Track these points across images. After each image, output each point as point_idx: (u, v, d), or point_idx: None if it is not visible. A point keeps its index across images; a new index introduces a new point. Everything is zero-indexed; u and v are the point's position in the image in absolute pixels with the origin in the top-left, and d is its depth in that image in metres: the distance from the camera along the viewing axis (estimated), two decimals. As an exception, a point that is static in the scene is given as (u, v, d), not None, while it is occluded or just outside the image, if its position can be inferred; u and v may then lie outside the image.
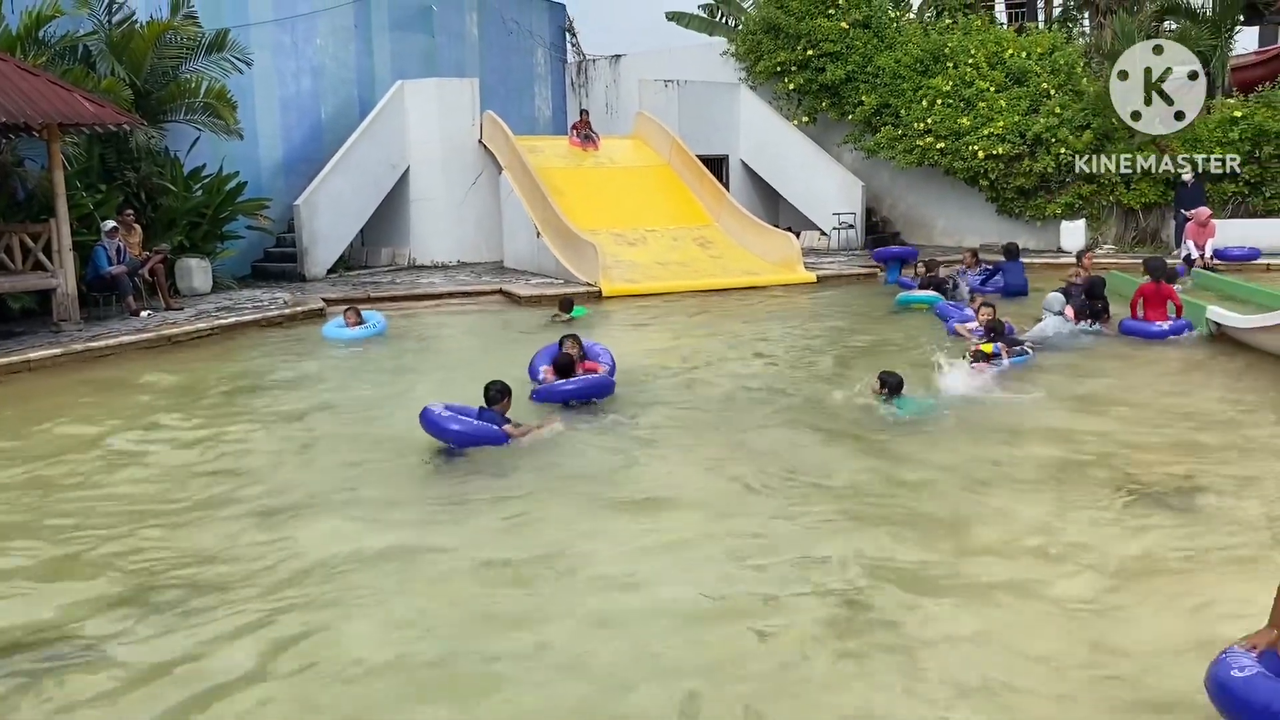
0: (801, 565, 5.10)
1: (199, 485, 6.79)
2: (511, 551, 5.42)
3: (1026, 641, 4.24)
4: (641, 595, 4.84)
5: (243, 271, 18.53)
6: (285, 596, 4.91)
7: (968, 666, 4.05)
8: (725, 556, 5.27)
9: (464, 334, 13.80)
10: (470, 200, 20.35)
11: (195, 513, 6.23)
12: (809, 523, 5.74)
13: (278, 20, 19.70)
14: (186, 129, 16.77)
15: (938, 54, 21.67)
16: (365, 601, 4.85)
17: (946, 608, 4.59)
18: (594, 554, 5.38)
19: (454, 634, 4.49)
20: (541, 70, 26.24)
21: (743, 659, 4.18)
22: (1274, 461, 6.61)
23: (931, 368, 9.29)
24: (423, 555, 5.44)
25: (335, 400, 9.45)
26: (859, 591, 4.76)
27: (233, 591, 4.98)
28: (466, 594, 4.93)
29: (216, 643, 4.44)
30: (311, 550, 5.52)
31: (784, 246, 18.15)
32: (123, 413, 8.92)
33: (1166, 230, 19.57)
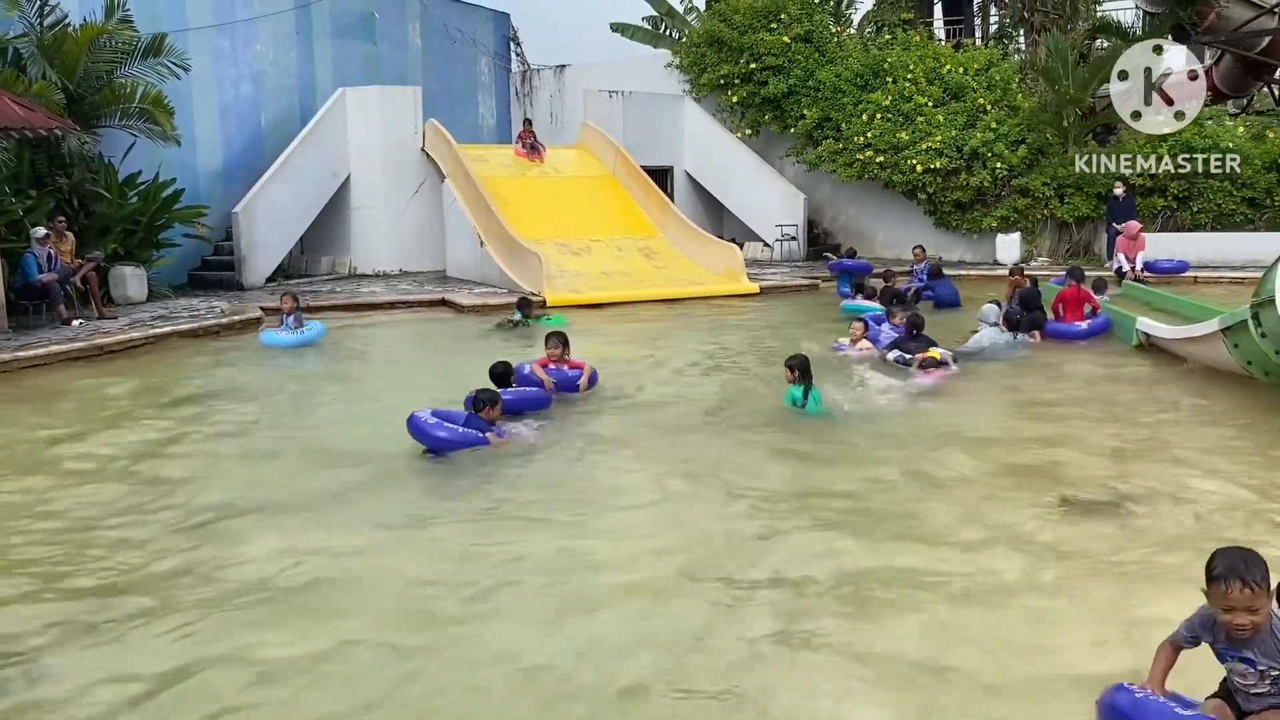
0: (746, 568, 5.14)
1: (130, 496, 6.65)
2: (452, 559, 5.39)
3: (957, 646, 4.31)
4: (587, 601, 4.84)
5: (179, 280, 18.21)
6: (220, 608, 4.82)
7: (903, 668, 4.10)
8: (672, 564, 5.29)
9: (405, 343, 13.71)
10: (412, 209, 20.22)
11: (126, 524, 6.09)
12: (748, 527, 5.78)
13: (217, 25, 19.43)
14: (121, 134, 16.46)
15: (877, 69, 22.02)
16: (307, 611, 4.79)
17: (880, 611, 4.65)
18: (535, 562, 5.37)
19: (391, 641, 4.45)
20: (485, 79, 26.18)
21: (689, 659, 4.19)
22: (1198, 469, 6.79)
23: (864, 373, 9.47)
24: (363, 563, 5.38)
25: (271, 409, 9.32)
26: (797, 596, 4.81)
27: (165, 604, 4.88)
28: (404, 603, 4.89)
29: (150, 657, 4.35)
30: (248, 561, 5.43)
31: (728, 257, 18.28)
32: (52, 424, 8.71)
33: (1099, 243, 20.06)
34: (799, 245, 22.36)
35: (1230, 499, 6.10)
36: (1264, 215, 19.11)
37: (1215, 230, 19.27)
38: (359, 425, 8.67)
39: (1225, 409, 8.54)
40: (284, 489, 6.78)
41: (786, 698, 3.92)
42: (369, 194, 20.00)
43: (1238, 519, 5.76)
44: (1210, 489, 6.28)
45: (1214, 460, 7.00)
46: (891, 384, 9.50)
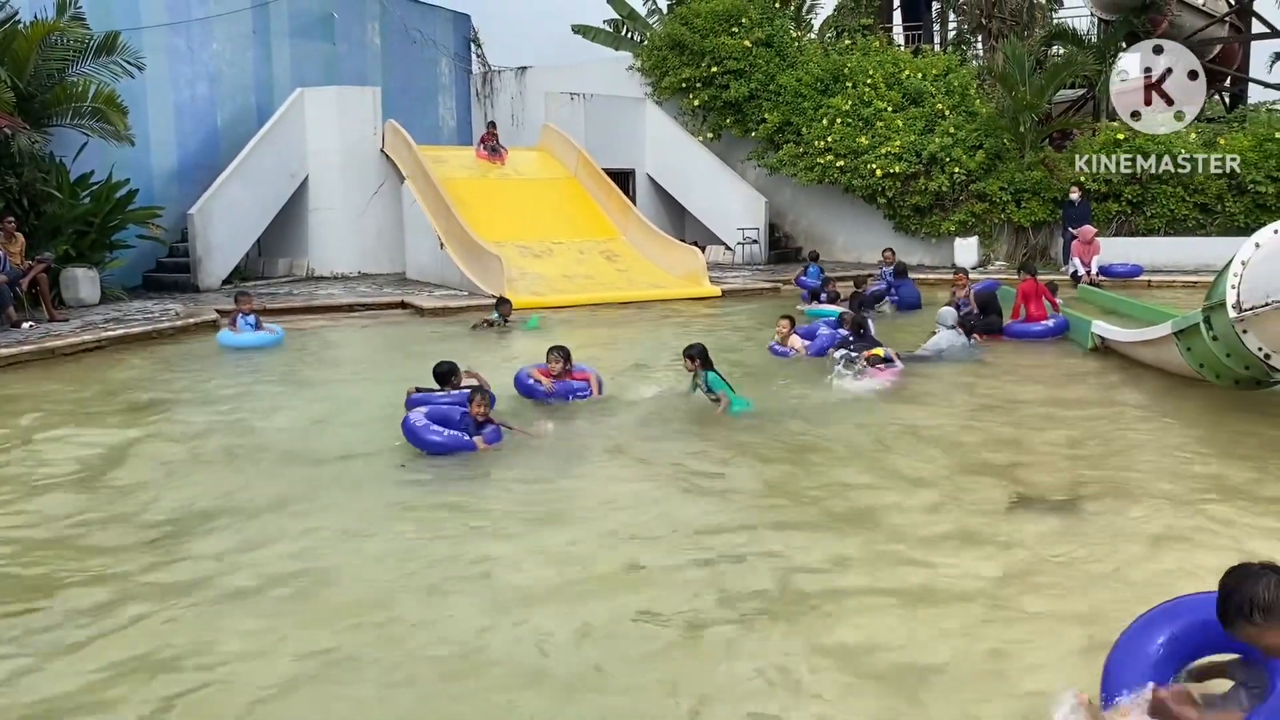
0: (700, 567, 5.13)
1: (83, 501, 6.52)
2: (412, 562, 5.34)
3: (912, 644, 4.33)
4: (544, 600, 4.80)
5: (133, 282, 17.92)
6: (171, 617, 4.73)
7: (856, 668, 4.11)
8: (626, 565, 5.27)
9: (365, 345, 13.56)
10: (371, 210, 20.05)
11: (78, 529, 5.97)
12: (706, 525, 5.77)
13: (171, 24, 19.15)
14: (74, 134, 16.18)
15: (837, 74, 22.17)
16: (261, 616, 4.71)
17: (834, 610, 4.66)
18: (501, 561, 5.33)
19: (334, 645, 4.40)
20: (446, 80, 26.04)
21: (646, 659, 4.18)
22: (1151, 469, 6.87)
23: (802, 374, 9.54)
24: (321, 569, 5.31)
25: (228, 412, 9.18)
26: (748, 597, 4.80)
27: (115, 612, 4.79)
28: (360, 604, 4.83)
29: (102, 664, 4.26)
30: (205, 565, 5.34)
31: (689, 260, 18.30)
32: (1, 428, 8.53)
33: (1055, 247, 20.32)
34: (760, 248, 22.45)
35: (1182, 497, 6.18)
36: (1215, 220, 19.46)
37: (1168, 235, 19.59)
38: (319, 427, 8.57)
39: (1178, 411, 8.66)
40: (242, 492, 6.67)
41: (743, 700, 3.91)
42: (327, 195, 19.81)
43: (1190, 516, 5.83)
44: (1163, 488, 6.36)
45: (1166, 460, 7.10)
46: (841, 385, 9.55)
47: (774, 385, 9.90)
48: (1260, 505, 6.05)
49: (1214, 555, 5.01)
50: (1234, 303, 7.76)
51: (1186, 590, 3.85)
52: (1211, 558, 4.92)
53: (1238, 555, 5.20)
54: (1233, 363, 8.22)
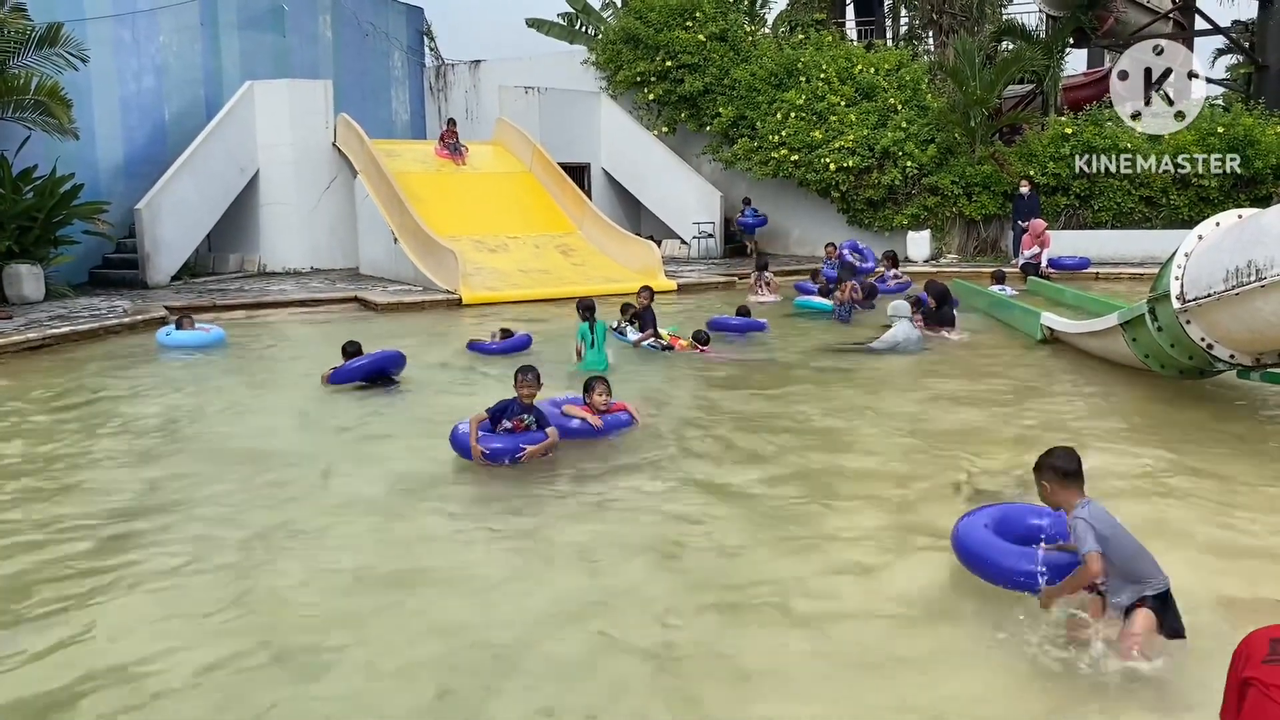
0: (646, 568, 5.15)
1: (27, 503, 6.39)
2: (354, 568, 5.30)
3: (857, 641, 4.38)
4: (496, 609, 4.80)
5: (79, 279, 17.58)
6: (113, 624, 4.66)
7: (817, 667, 4.15)
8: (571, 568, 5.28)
9: (316, 342, 13.37)
10: (324, 205, 19.85)
11: (23, 531, 5.86)
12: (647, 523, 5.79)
13: (116, 16, 18.79)
14: (16, 127, 15.83)
15: (791, 68, 22.27)
16: (212, 621, 4.65)
17: (785, 611, 4.70)
18: (463, 572, 5.31)
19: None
20: (399, 74, 25.82)
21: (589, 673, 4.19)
22: (1097, 455, 6.98)
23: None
24: (264, 573, 5.25)
25: (175, 411, 9.04)
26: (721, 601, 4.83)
27: (57, 617, 4.70)
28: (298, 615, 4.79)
29: (50, 668, 4.19)
30: (146, 572, 5.26)
31: (645, 255, 18.31)
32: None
33: (1005, 240, 20.59)
34: (716, 243, 22.51)
35: (1128, 484, 6.31)
36: (1160, 214, 19.82)
37: (1115, 228, 19.94)
38: (265, 425, 8.48)
39: (1124, 400, 8.83)
40: (190, 492, 6.58)
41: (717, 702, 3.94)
42: (279, 190, 19.57)
43: (1135, 500, 5.95)
44: (1110, 473, 6.48)
45: (1113, 446, 7.24)
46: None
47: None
48: (1205, 488, 6.19)
49: (1162, 541, 5.12)
50: (1178, 294, 7.91)
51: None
52: (1159, 543, 5.02)
53: (1185, 538, 5.35)
54: (1177, 353, 8.37)
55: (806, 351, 11.67)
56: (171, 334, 12.06)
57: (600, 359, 10.31)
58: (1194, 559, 5.08)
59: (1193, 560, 5.03)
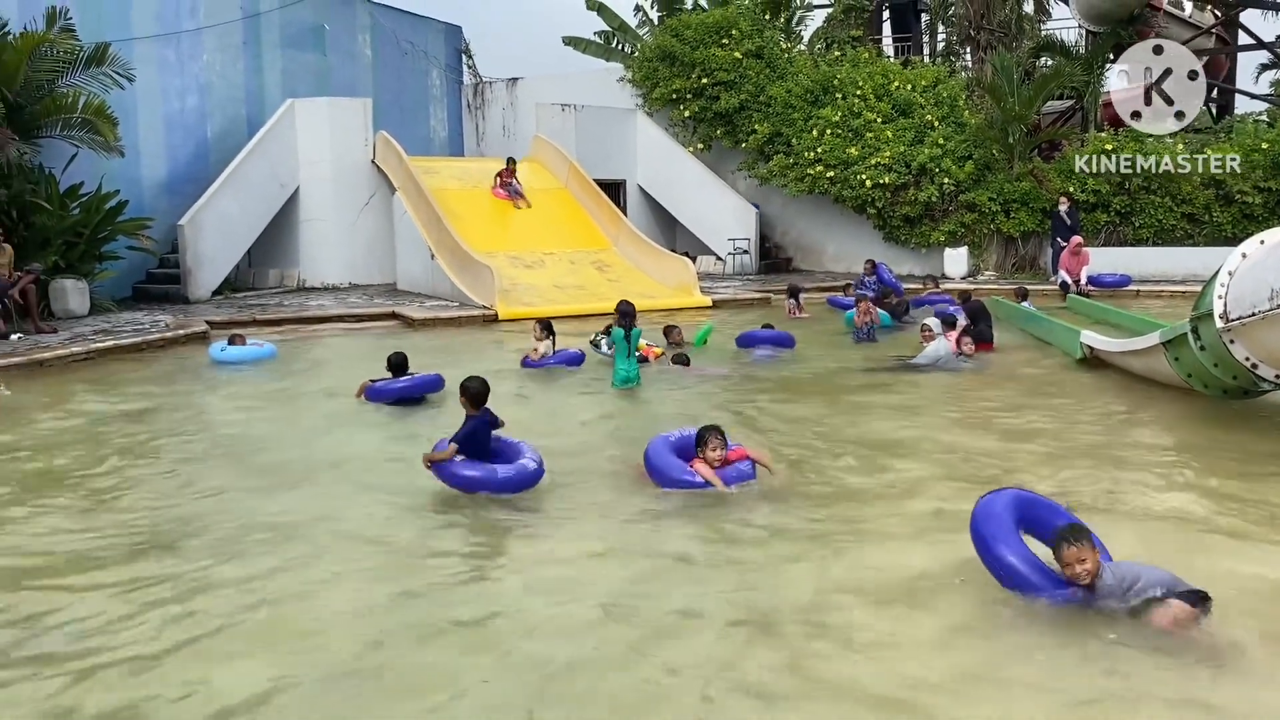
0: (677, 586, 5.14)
1: (68, 517, 6.49)
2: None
3: (901, 658, 4.34)
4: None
5: (123, 293, 17.89)
6: (165, 639, 4.71)
7: (851, 695, 4.12)
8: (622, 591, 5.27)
9: (356, 357, 13.48)
10: (362, 221, 20.06)
11: (63, 544, 5.95)
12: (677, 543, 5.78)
13: (162, 35, 19.15)
14: (63, 145, 16.16)
15: (827, 85, 22.26)
16: (265, 634, 4.70)
17: (825, 628, 4.67)
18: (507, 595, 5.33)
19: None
20: (437, 91, 26.08)
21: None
22: (1138, 478, 6.89)
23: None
24: (309, 595, 5.29)
25: (219, 426, 9.16)
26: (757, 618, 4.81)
27: (108, 635, 4.77)
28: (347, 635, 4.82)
29: (98, 680, 4.24)
30: (194, 582, 5.32)
31: (680, 271, 18.33)
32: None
33: (1044, 257, 20.41)
34: (751, 259, 22.50)
35: (1170, 507, 6.20)
36: (1203, 231, 19.57)
37: (1156, 245, 19.70)
38: (312, 442, 8.56)
39: (1166, 420, 8.69)
40: (233, 509, 6.64)
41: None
42: (318, 206, 19.80)
43: (1175, 525, 5.86)
44: (1150, 497, 6.38)
45: (1154, 469, 7.12)
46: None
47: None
48: (1246, 512, 6.08)
49: (1204, 561, 5.04)
50: (1221, 313, 7.79)
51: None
52: (1201, 570, 4.94)
53: (1228, 565, 5.25)
54: (1220, 372, 8.25)
55: (844, 368, 11.61)
56: (225, 350, 12.25)
57: (632, 368, 10.25)
58: (1238, 587, 4.97)
59: (1237, 590, 4.92)
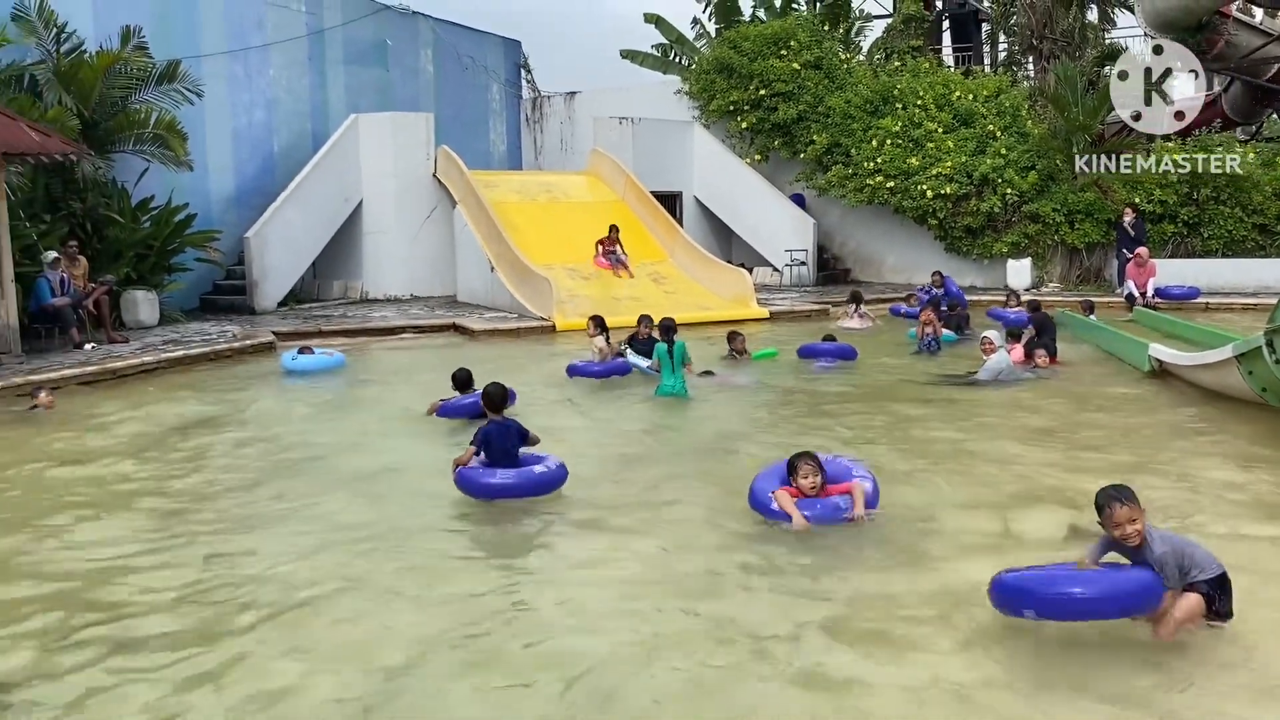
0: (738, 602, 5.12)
1: (144, 521, 6.64)
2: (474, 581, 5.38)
3: (980, 664, 4.28)
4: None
5: (191, 304, 18.30)
6: (241, 645, 4.80)
7: (932, 691, 4.07)
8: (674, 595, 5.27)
9: (420, 368, 13.63)
10: (424, 234, 20.31)
11: (141, 551, 6.09)
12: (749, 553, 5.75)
13: (230, 52, 19.60)
14: (135, 160, 16.59)
15: (887, 95, 22.12)
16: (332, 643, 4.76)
17: (901, 637, 4.62)
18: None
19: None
20: (496, 105, 26.36)
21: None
22: (1210, 497, 6.72)
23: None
24: (387, 599, 5.36)
25: (290, 434, 9.32)
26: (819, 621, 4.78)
27: (182, 637, 4.87)
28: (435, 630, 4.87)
29: (166, 683, 4.33)
30: (271, 592, 5.42)
31: (737, 282, 18.30)
32: (67, 449, 8.73)
33: (1109, 269, 20.04)
34: (809, 270, 22.39)
35: (1237, 527, 6.05)
36: (1275, 242, 19.09)
37: (1226, 256, 19.26)
38: (381, 451, 8.66)
39: (1237, 436, 8.48)
40: (306, 517, 6.74)
41: None
42: (381, 219, 20.10)
43: (1246, 544, 5.71)
44: (1223, 517, 6.23)
45: (1226, 487, 6.94)
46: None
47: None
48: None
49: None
50: (1298, 326, 7.60)
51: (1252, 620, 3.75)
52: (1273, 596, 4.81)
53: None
54: (1296, 387, 8.04)
55: (905, 381, 11.50)
56: (296, 359, 12.48)
57: (679, 383, 10.28)
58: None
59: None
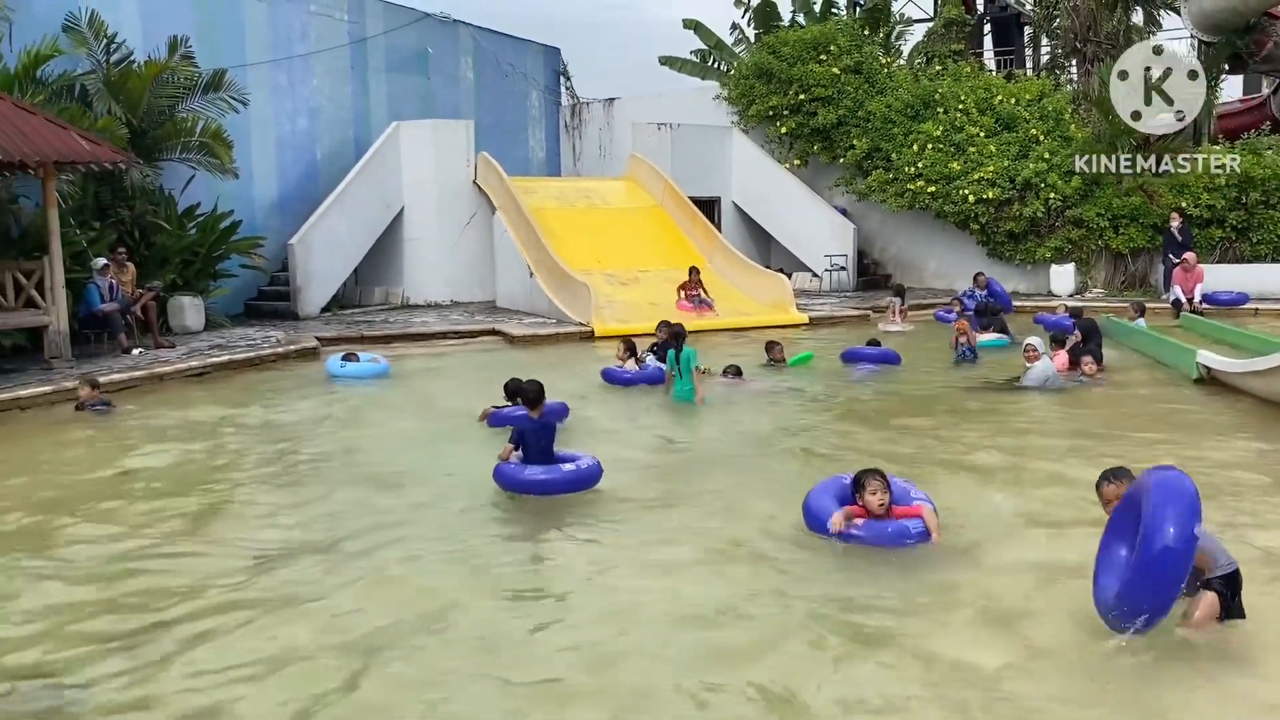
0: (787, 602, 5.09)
1: (188, 524, 6.74)
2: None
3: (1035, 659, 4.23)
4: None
5: (236, 310, 18.54)
6: (297, 649, 4.85)
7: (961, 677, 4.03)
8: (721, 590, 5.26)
9: (461, 373, 13.71)
10: (464, 240, 20.43)
11: (182, 553, 6.17)
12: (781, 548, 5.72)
13: (274, 61, 19.86)
14: (182, 167, 16.84)
15: (928, 99, 21.96)
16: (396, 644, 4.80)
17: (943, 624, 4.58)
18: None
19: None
20: (536, 112, 26.48)
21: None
22: (1258, 507, 6.60)
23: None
24: (448, 602, 5.37)
25: (335, 440, 9.41)
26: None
27: (230, 634, 4.93)
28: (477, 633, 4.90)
29: (193, 682, 4.39)
30: (315, 589, 5.48)
31: (776, 288, 18.23)
32: (116, 452, 8.88)
33: (1155, 274, 19.74)
34: (849, 275, 22.26)
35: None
36: (1327, 246, 18.72)
37: (1276, 262, 18.90)
38: (424, 452, 8.73)
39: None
40: (350, 521, 6.80)
41: None
42: (422, 226, 20.25)
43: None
44: (1271, 526, 6.11)
45: (1273, 500, 6.81)
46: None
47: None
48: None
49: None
50: (1352, 332, 7.44)
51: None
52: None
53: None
54: (1351, 394, 7.87)
55: (948, 388, 11.41)
56: (345, 366, 12.62)
57: (687, 388, 10.35)
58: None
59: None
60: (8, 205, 14.46)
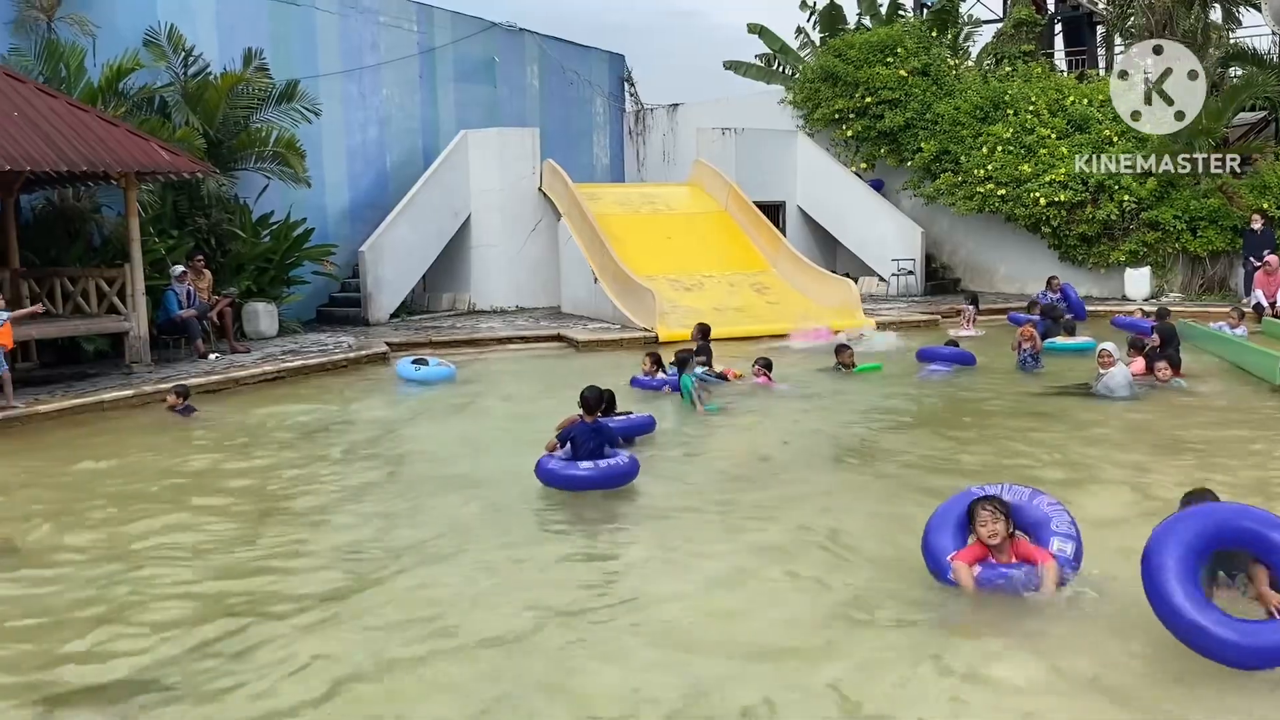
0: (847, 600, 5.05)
1: (265, 526, 6.89)
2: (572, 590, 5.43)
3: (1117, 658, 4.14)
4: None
5: (308, 316, 18.90)
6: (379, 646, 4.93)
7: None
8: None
9: (529, 377, 13.81)
10: (529, 246, 20.59)
11: (263, 555, 6.31)
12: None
13: (346, 71, 20.24)
14: (256, 176, 17.23)
15: (997, 101, 21.63)
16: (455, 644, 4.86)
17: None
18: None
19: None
20: (600, 119, 26.62)
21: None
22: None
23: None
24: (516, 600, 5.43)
25: (406, 442, 9.55)
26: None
27: (299, 636, 5.02)
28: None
29: (290, 683, 4.48)
30: (397, 591, 5.57)
31: (842, 292, 18.08)
32: (195, 454, 9.10)
33: (1235, 278, 19.21)
34: (917, 279, 21.99)
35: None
36: None
37: (1363, 263, 18.25)
38: (499, 457, 8.81)
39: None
40: (430, 523, 6.89)
41: None
42: (488, 233, 20.45)
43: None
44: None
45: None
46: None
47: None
48: None
49: None
50: None
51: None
52: None
53: None
54: None
55: (1019, 393, 11.21)
56: (417, 370, 12.84)
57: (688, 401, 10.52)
58: None
59: None
60: (90, 215, 14.94)
